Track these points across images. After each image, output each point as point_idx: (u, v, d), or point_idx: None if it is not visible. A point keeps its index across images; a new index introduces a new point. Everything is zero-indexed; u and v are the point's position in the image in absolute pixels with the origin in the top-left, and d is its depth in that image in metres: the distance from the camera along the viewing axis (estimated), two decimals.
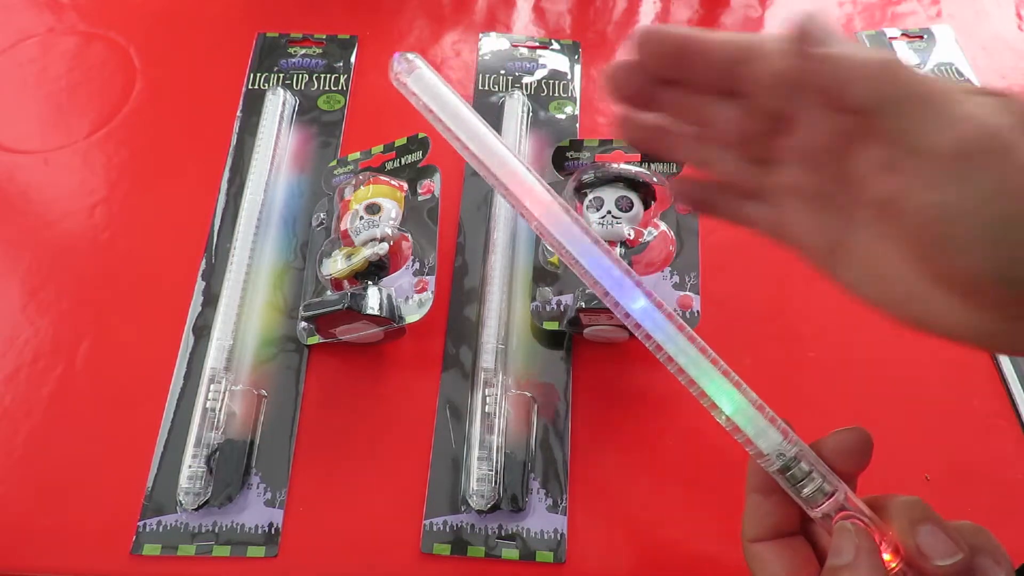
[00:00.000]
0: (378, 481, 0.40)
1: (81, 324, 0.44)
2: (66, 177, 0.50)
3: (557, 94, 0.55)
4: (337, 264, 0.41)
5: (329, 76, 0.55)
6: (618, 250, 0.40)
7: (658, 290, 0.38)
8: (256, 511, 0.38)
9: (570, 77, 0.56)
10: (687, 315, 0.40)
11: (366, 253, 0.41)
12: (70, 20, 0.58)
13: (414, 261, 0.42)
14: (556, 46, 0.57)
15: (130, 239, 0.47)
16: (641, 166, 0.43)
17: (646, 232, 0.42)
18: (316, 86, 0.55)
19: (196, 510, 0.38)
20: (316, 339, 0.43)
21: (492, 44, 0.58)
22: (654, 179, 0.42)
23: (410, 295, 0.41)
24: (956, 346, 0.24)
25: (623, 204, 0.41)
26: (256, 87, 0.54)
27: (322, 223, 0.46)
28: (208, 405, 0.40)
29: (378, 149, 0.47)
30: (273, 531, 0.38)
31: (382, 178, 0.45)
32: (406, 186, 0.44)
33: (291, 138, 0.52)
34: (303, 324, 0.43)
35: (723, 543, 0.38)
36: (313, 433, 0.41)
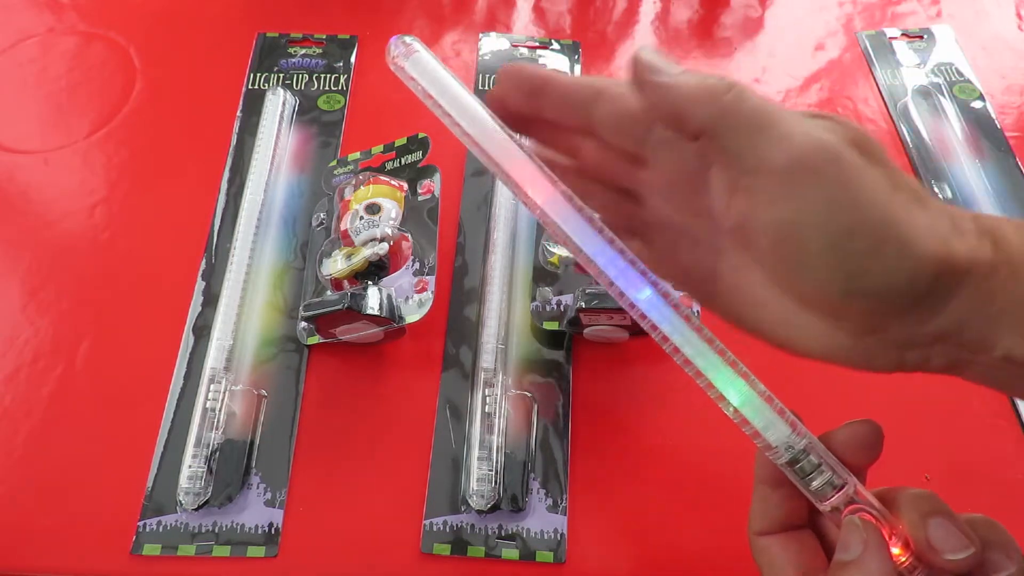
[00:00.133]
0: (378, 481, 0.40)
1: (81, 324, 0.44)
2: (66, 177, 0.50)
3: None
4: (337, 264, 0.42)
5: (329, 76, 0.55)
6: None
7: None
8: (256, 511, 0.38)
9: None
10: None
11: (366, 253, 0.41)
12: (70, 20, 0.58)
13: (414, 261, 0.42)
14: (556, 46, 0.57)
15: (130, 239, 0.47)
16: None
17: None
18: (316, 86, 0.55)
19: (196, 510, 0.38)
20: (316, 339, 0.43)
21: (492, 44, 0.58)
22: None
23: (410, 295, 0.41)
24: None
25: None
26: (256, 87, 0.54)
27: (322, 223, 0.46)
28: (208, 405, 0.40)
29: (378, 149, 0.47)
30: (273, 531, 0.38)
31: (382, 178, 0.45)
32: (406, 186, 0.44)
33: (291, 138, 0.52)
34: (303, 324, 0.43)
35: (724, 543, 0.38)
36: (313, 433, 0.41)
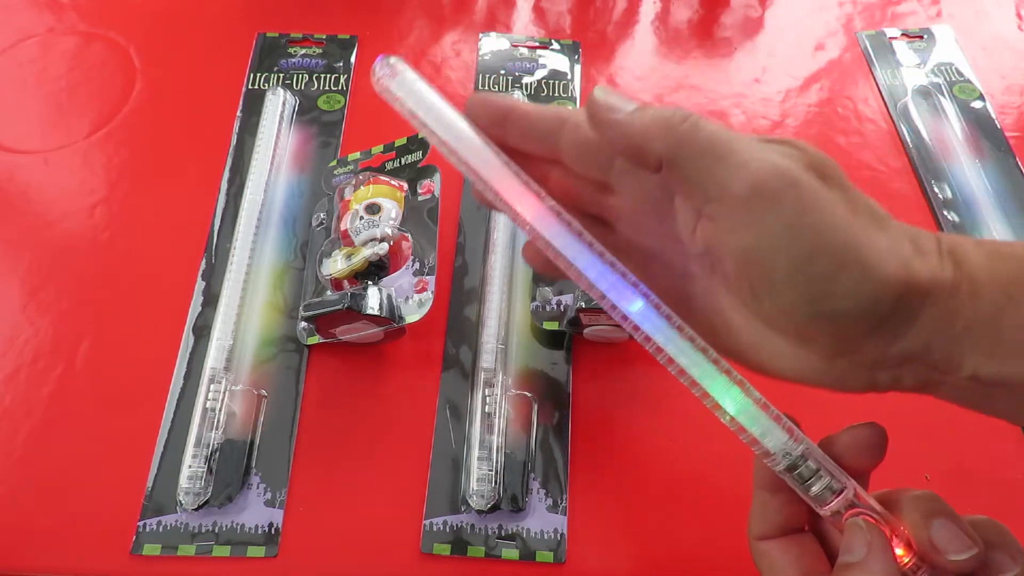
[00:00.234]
0: (378, 481, 0.40)
1: (81, 324, 0.44)
2: (66, 177, 0.50)
3: (557, 94, 0.55)
4: (337, 264, 0.42)
5: (329, 76, 0.55)
6: None
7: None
8: (256, 511, 0.38)
9: (570, 77, 0.56)
10: None
11: (366, 253, 0.41)
12: (70, 20, 0.58)
13: (414, 261, 0.42)
14: (556, 46, 0.57)
15: (130, 239, 0.47)
16: None
17: None
18: (316, 86, 0.55)
19: (196, 510, 0.38)
20: (316, 339, 0.43)
21: (492, 44, 0.58)
22: None
23: (410, 295, 0.41)
24: None
25: None
26: (256, 87, 0.54)
27: (322, 223, 0.46)
28: (208, 405, 0.40)
29: (378, 149, 0.47)
30: (273, 531, 0.38)
31: (382, 178, 0.45)
32: (406, 186, 0.44)
33: (291, 138, 0.52)
34: (303, 324, 0.43)
35: (723, 543, 0.38)
36: (313, 433, 0.41)
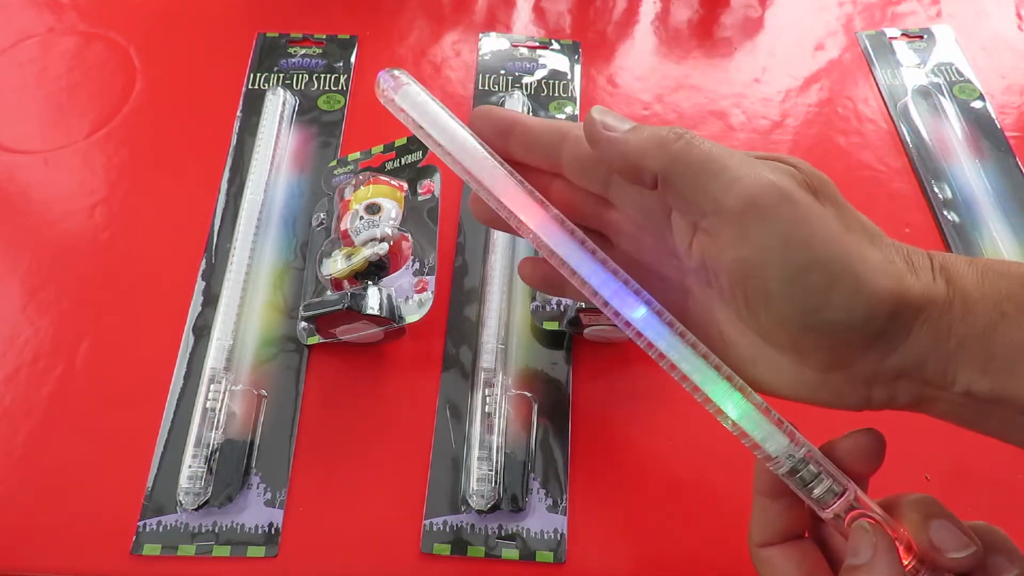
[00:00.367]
0: (378, 481, 0.39)
1: (81, 324, 0.44)
2: (66, 177, 0.50)
3: (557, 94, 0.55)
4: (337, 264, 0.42)
5: (329, 76, 0.55)
6: None
7: None
8: (256, 511, 0.38)
9: (570, 77, 0.56)
10: None
11: (366, 253, 0.41)
12: (70, 20, 0.58)
13: (414, 261, 0.42)
14: (556, 46, 0.57)
15: (130, 239, 0.47)
16: None
17: None
18: (316, 86, 0.55)
19: (196, 510, 0.38)
20: (316, 339, 0.43)
21: (492, 44, 0.58)
22: None
23: (410, 295, 0.41)
24: None
25: None
26: (256, 87, 0.54)
27: (322, 223, 0.46)
28: (208, 405, 0.40)
29: (378, 149, 0.47)
30: (273, 531, 0.38)
31: (382, 178, 0.45)
32: (406, 186, 0.44)
33: (291, 138, 0.52)
34: (303, 324, 0.43)
35: (724, 542, 0.38)
36: (313, 433, 0.41)
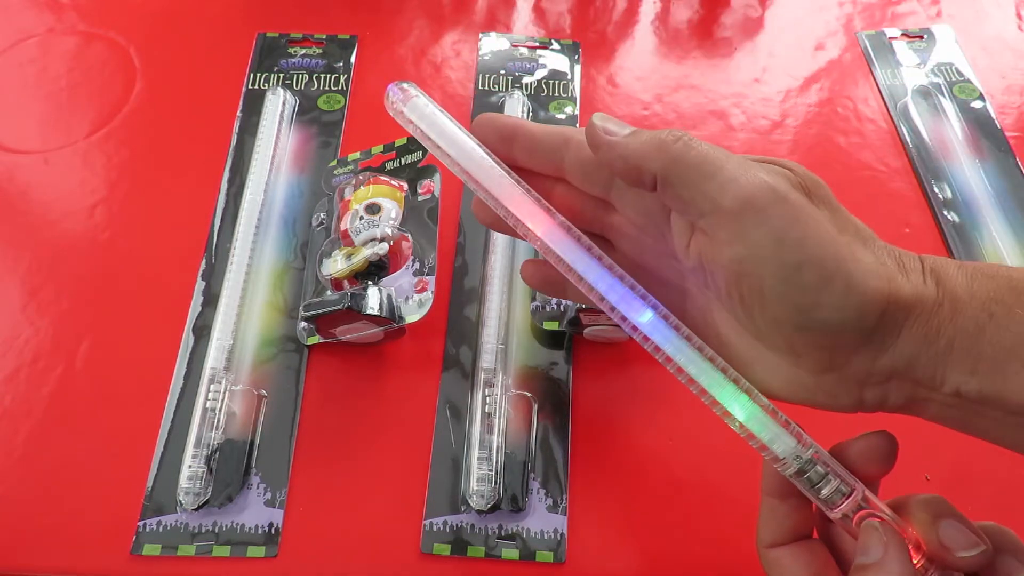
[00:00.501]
0: (378, 481, 0.39)
1: (81, 324, 0.44)
2: (66, 177, 0.50)
3: (557, 94, 0.55)
4: (337, 264, 0.42)
5: (329, 76, 0.55)
6: None
7: None
8: (256, 511, 0.38)
9: (570, 77, 0.56)
10: None
11: (366, 253, 0.41)
12: (70, 20, 0.58)
13: (414, 261, 0.42)
14: (556, 46, 0.57)
15: (130, 239, 0.47)
16: None
17: None
18: (316, 86, 0.55)
19: (196, 510, 0.38)
20: (316, 339, 0.43)
21: (492, 44, 0.58)
22: None
23: (410, 295, 0.41)
24: None
25: None
26: (256, 87, 0.54)
27: (322, 223, 0.46)
28: (208, 405, 0.40)
29: (378, 149, 0.47)
30: (273, 531, 0.38)
31: (382, 178, 0.45)
32: (406, 186, 0.44)
33: (291, 138, 0.52)
34: (303, 324, 0.43)
35: (725, 542, 0.38)
36: (313, 433, 0.41)
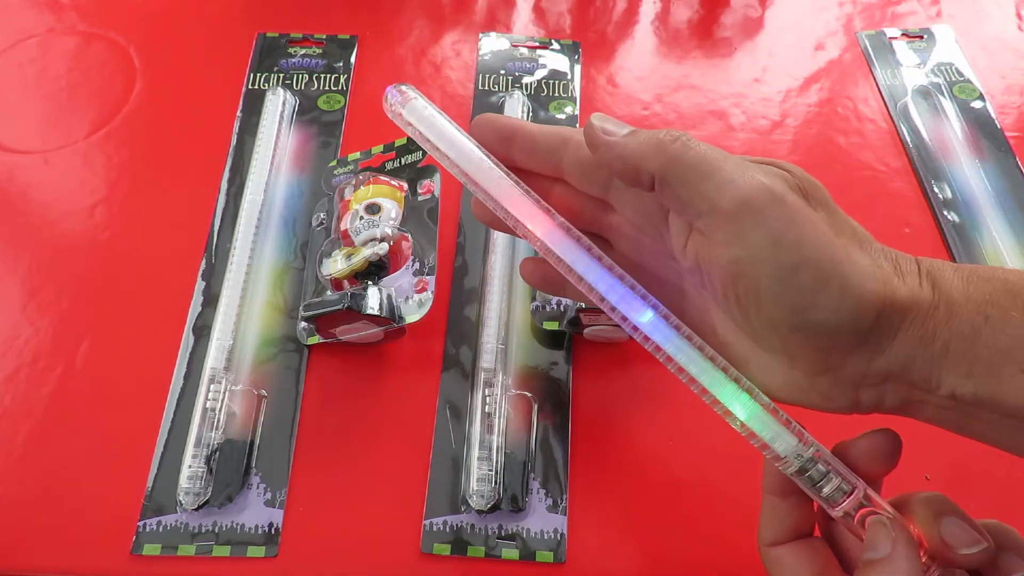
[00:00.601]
0: (378, 481, 0.39)
1: (81, 324, 0.44)
2: (66, 177, 0.50)
3: (557, 94, 0.55)
4: (337, 264, 0.42)
5: (329, 76, 0.55)
6: None
7: None
8: (256, 511, 0.38)
9: (570, 77, 0.56)
10: None
11: (366, 253, 0.41)
12: (70, 20, 0.58)
13: (414, 261, 0.42)
14: (556, 46, 0.57)
15: (130, 239, 0.47)
16: None
17: None
18: (316, 86, 0.55)
19: (196, 510, 0.38)
20: (316, 339, 0.43)
21: (492, 44, 0.58)
22: None
23: (410, 295, 0.41)
24: None
25: None
26: (256, 87, 0.54)
27: (322, 223, 0.46)
28: (208, 405, 0.40)
29: (378, 149, 0.47)
30: (273, 531, 0.38)
31: (382, 178, 0.45)
32: (406, 186, 0.44)
33: (291, 138, 0.52)
34: (303, 324, 0.43)
35: (724, 543, 0.38)
36: (313, 433, 0.41)
